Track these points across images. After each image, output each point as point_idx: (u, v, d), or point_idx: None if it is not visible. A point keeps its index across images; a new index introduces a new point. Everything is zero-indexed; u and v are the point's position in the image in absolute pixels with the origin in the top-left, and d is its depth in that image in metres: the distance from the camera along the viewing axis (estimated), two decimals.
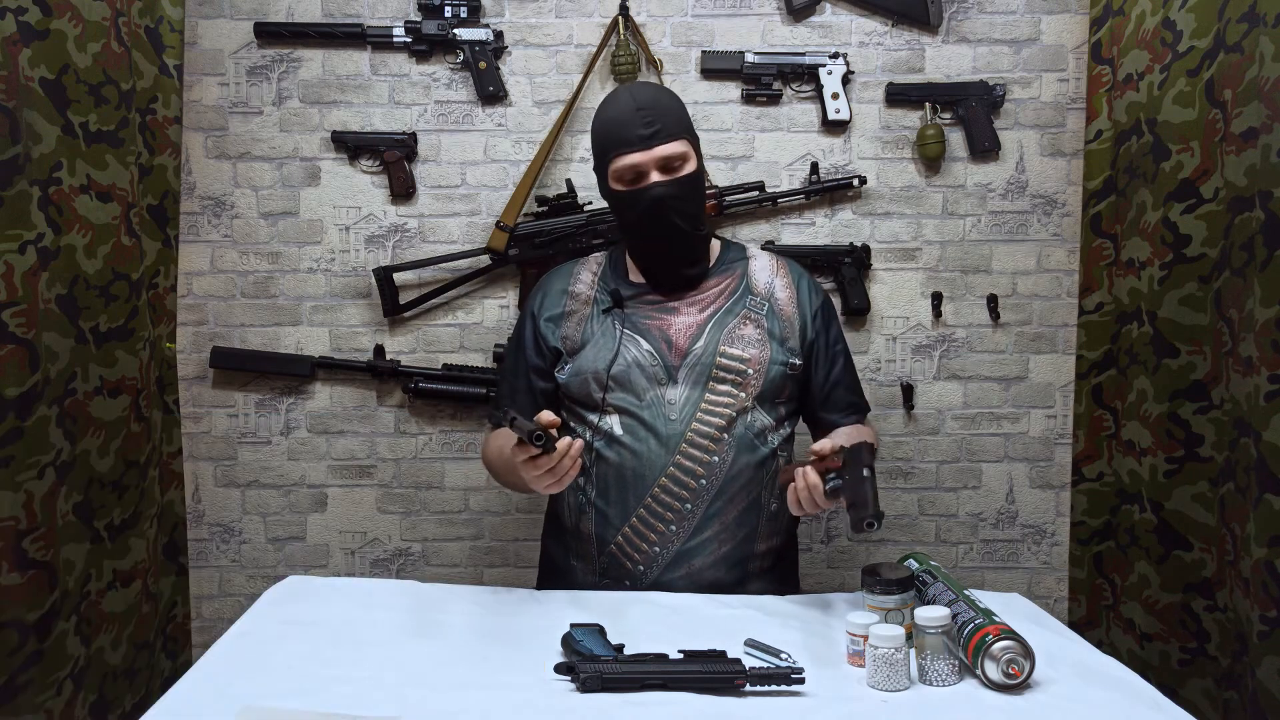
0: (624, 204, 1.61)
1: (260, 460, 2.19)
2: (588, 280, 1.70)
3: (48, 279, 1.62)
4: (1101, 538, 2.10)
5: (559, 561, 1.69)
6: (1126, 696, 1.18)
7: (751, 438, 1.59)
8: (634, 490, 1.57)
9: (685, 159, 1.60)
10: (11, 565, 1.53)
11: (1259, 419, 1.56)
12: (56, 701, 1.63)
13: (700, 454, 1.57)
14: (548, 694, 1.17)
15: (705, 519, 1.57)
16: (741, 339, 1.61)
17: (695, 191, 1.62)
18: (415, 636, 1.35)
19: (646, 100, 1.59)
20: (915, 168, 2.16)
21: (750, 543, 1.60)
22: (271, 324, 2.17)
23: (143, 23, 1.93)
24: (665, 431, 1.57)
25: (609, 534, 1.59)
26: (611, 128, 1.59)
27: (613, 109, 1.61)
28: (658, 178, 1.57)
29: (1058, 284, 2.17)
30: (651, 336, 1.62)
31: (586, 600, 1.50)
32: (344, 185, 2.15)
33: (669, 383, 1.59)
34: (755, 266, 1.70)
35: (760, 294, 1.66)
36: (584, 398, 1.62)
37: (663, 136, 1.57)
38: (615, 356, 1.60)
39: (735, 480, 1.58)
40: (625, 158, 1.57)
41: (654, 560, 1.57)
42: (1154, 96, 1.89)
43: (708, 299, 1.65)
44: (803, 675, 1.17)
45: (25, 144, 1.57)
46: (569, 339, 1.66)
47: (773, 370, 1.61)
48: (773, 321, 1.64)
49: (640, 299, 1.65)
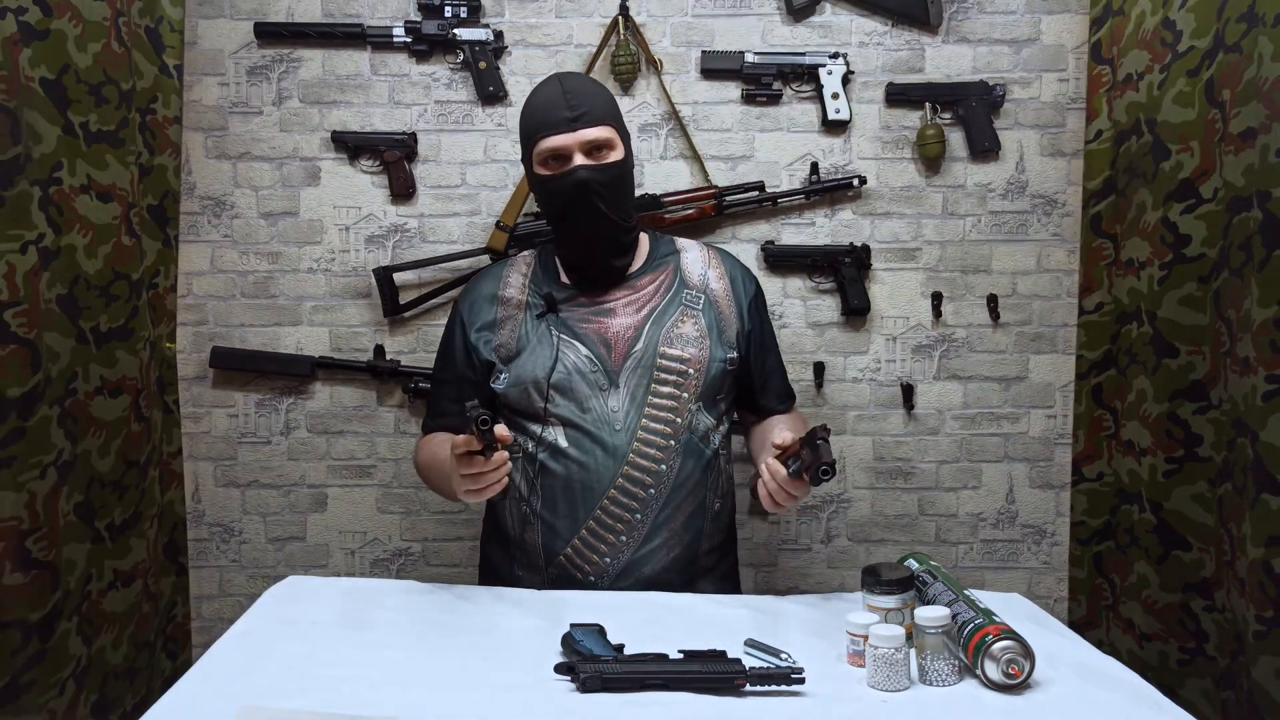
0: (548, 189, 1.60)
1: (260, 460, 2.19)
2: (518, 284, 1.68)
3: (48, 279, 1.62)
4: (1101, 538, 2.10)
5: (503, 571, 1.66)
6: (1126, 696, 1.18)
7: (696, 441, 1.59)
8: (583, 502, 1.56)
9: (611, 145, 1.59)
10: (15, 565, 1.53)
11: (1256, 419, 1.57)
12: (59, 701, 1.64)
13: (648, 463, 1.56)
14: (548, 694, 1.17)
15: (655, 527, 1.57)
16: (680, 338, 1.60)
17: (622, 180, 1.61)
18: (415, 636, 1.35)
19: (573, 86, 1.59)
20: (915, 168, 2.16)
21: (696, 544, 1.61)
22: (271, 324, 2.17)
23: (143, 23, 1.93)
24: (611, 442, 1.55)
25: (557, 545, 1.57)
26: (537, 112, 1.59)
27: (540, 95, 1.61)
28: (582, 161, 1.56)
29: (1058, 284, 2.17)
30: (589, 340, 1.60)
31: (586, 600, 1.50)
32: (344, 185, 2.15)
33: (611, 388, 1.58)
34: (687, 259, 1.69)
35: (695, 286, 1.66)
36: (525, 407, 1.60)
37: (588, 120, 1.56)
38: (555, 364, 1.58)
39: (682, 487, 1.58)
40: (549, 139, 1.57)
41: (605, 571, 1.57)
42: (1154, 96, 1.89)
43: (643, 298, 1.64)
44: (803, 675, 1.17)
45: (26, 144, 1.57)
46: (503, 347, 1.63)
47: (713, 368, 1.61)
48: (710, 315, 1.64)
49: (574, 302, 1.64)
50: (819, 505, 2.21)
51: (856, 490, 2.21)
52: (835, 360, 2.18)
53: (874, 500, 2.21)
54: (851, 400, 2.18)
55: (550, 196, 1.60)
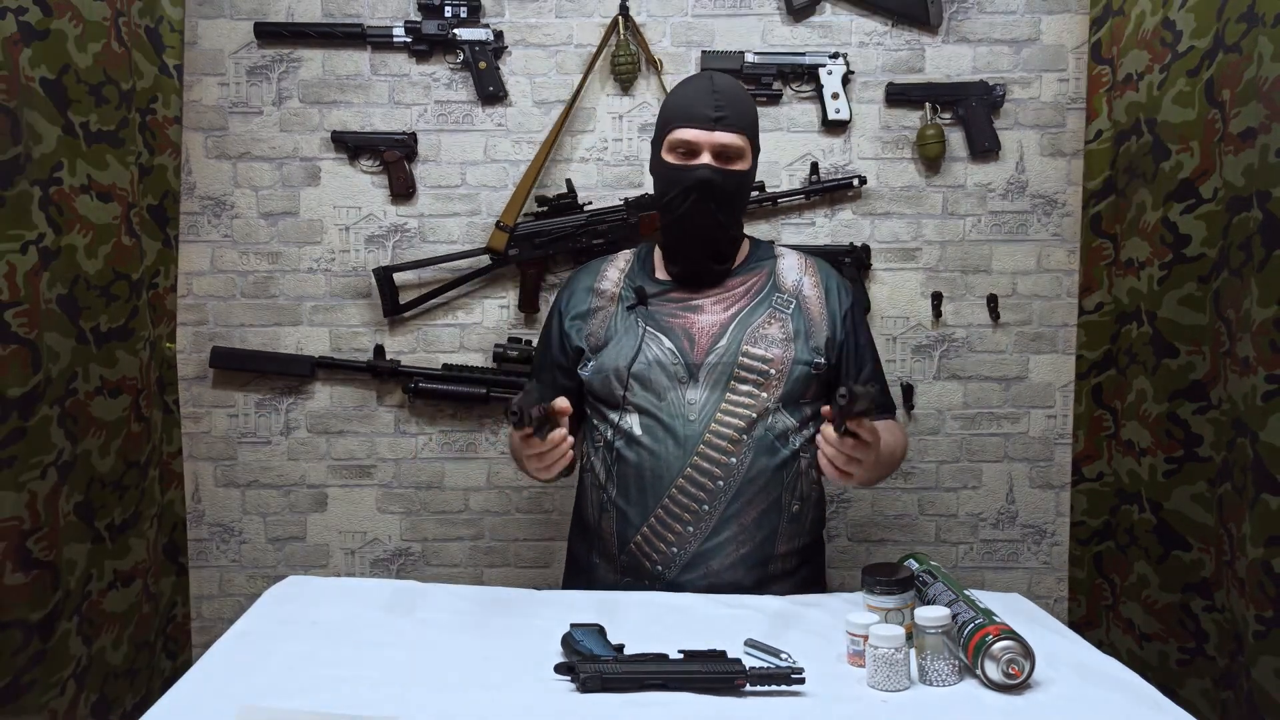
0: (670, 177, 1.60)
1: (260, 460, 2.19)
2: (614, 277, 1.71)
3: (49, 279, 1.62)
4: (1101, 538, 2.10)
5: (582, 560, 1.69)
6: (1127, 696, 1.18)
7: (772, 439, 1.58)
8: (652, 490, 1.57)
9: (742, 154, 1.60)
10: (15, 565, 1.53)
11: (1256, 419, 1.57)
12: (60, 701, 1.64)
13: (718, 455, 1.56)
14: (548, 694, 1.17)
15: (723, 520, 1.56)
16: (765, 338, 1.61)
17: (741, 190, 1.63)
18: (415, 636, 1.35)
19: (725, 86, 1.60)
20: (915, 168, 2.16)
21: (770, 544, 1.59)
22: (271, 324, 2.17)
23: (143, 23, 1.93)
24: (683, 432, 1.57)
25: (629, 533, 1.59)
26: (683, 101, 1.60)
27: (691, 85, 1.62)
28: (708, 160, 1.57)
29: (1058, 284, 2.17)
30: (674, 334, 1.61)
31: (586, 600, 1.50)
32: (344, 185, 2.15)
33: (690, 382, 1.59)
34: (783, 265, 1.70)
35: (787, 291, 1.66)
36: (606, 395, 1.62)
37: (728, 124, 1.57)
38: (637, 354, 1.60)
39: (753, 482, 1.57)
40: (686, 130, 1.58)
41: (672, 560, 1.57)
42: (1154, 96, 1.89)
43: (733, 297, 1.65)
44: (803, 675, 1.17)
45: (26, 144, 1.57)
46: (593, 336, 1.66)
47: (796, 370, 1.60)
48: (799, 320, 1.64)
49: (665, 296, 1.65)
50: None
51: (857, 490, 2.21)
52: None
53: (874, 500, 2.21)
54: None
55: (669, 184, 1.61)
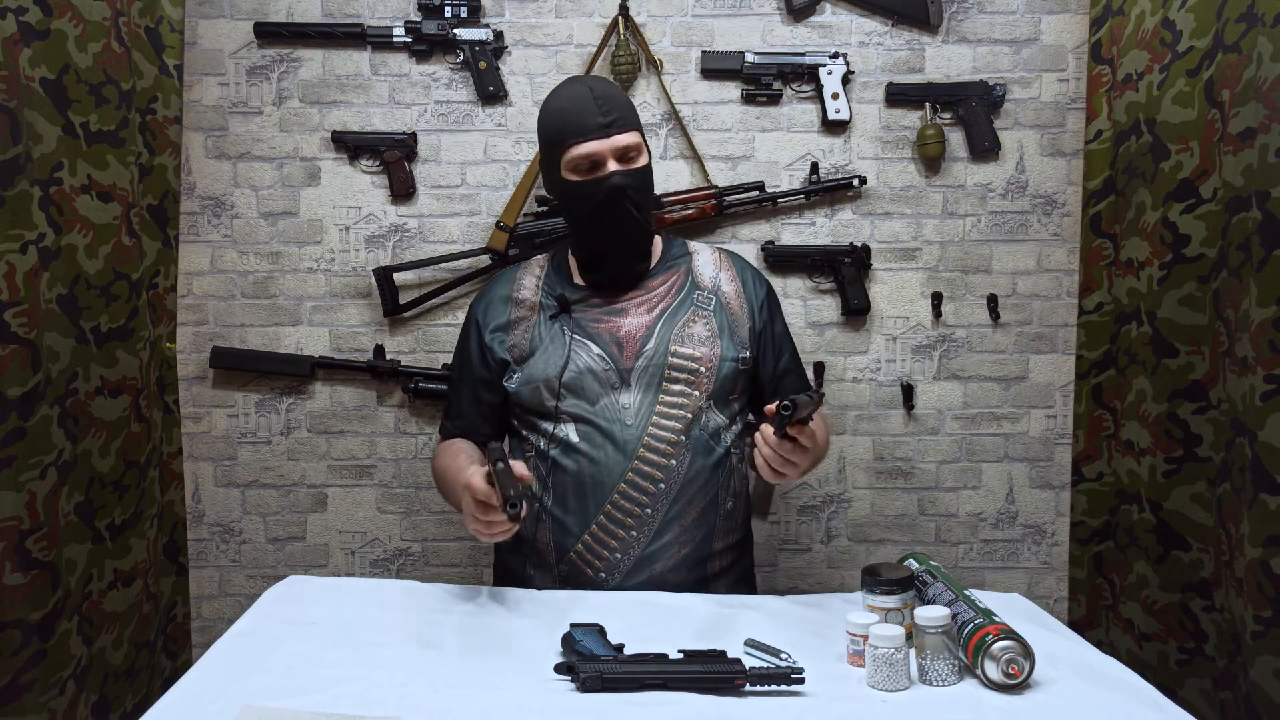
0: (579, 195, 1.59)
1: (260, 460, 2.19)
2: (531, 285, 1.69)
3: (49, 279, 1.62)
4: (1101, 538, 2.10)
5: (517, 572, 1.67)
6: (1127, 696, 1.18)
7: (706, 439, 1.60)
8: (593, 497, 1.57)
9: (640, 150, 1.60)
10: (15, 565, 1.53)
11: (1254, 419, 1.57)
12: (60, 701, 1.64)
13: (658, 458, 1.56)
14: (548, 694, 1.17)
15: (665, 523, 1.57)
16: (692, 337, 1.61)
17: (648, 184, 1.63)
18: (415, 636, 1.35)
19: (603, 90, 1.59)
20: (915, 168, 2.16)
21: (709, 543, 1.61)
22: (271, 324, 2.17)
23: (143, 23, 1.93)
24: (622, 436, 1.56)
25: (568, 542, 1.58)
26: (568, 116, 1.57)
27: (567, 97, 1.59)
28: (615, 167, 1.57)
29: (1058, 284, 2.18)
30: (601, 340, 1.61)
31: (586, 600, 1.50)
32: (344, 185, 2.15)
33: (622, 386, 1.59)
34: (699, 261, 1.70)
35: (706, 288, 1.67)
36: (536, 406, 1.61)
37: (620, 126, 1.57)
38: (566, 363, 1.59)
39: (693, 483, 1.58)
40: (582, 145, 1.56)
41: (615, 566, 1.57)
42: (1153, 96, 1.89)
43: (655, 298, 1.65)
44: (803, 675, 1.17)
45: (26, 144, 1.57)
46: (517, 347, 1.64)
47: (724, 367, 1.61)
48: (721, 316, 1.65)
49: (587, 302, 1.64)
50: (819, 505, 2.21)
51: (856, 490, 2.21)
52: (835, 360, 2.18)
53: (874, 500, 2.21)
54: (852, 400, 2.18)
55: (580, 201, 1.60)
